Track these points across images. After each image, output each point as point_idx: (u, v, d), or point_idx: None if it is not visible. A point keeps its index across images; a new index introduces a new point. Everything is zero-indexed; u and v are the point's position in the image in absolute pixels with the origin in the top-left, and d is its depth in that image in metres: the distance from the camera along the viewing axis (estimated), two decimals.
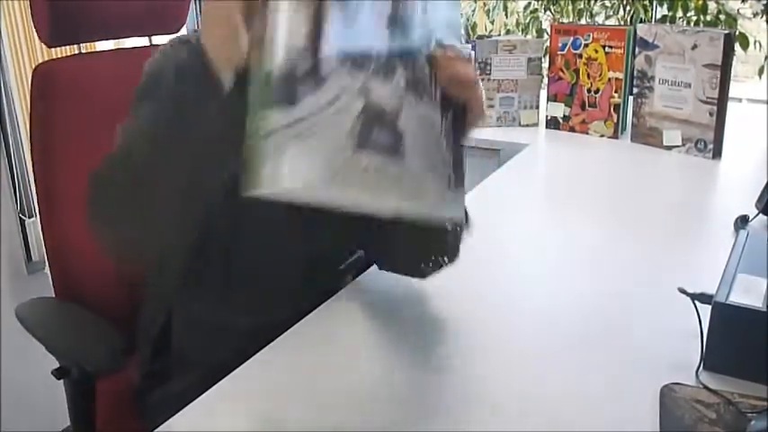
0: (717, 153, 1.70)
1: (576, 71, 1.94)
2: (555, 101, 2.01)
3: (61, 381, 1.11)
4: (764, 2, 2.50)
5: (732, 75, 1.68)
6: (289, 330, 0.97)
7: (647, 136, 1.82)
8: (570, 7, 2.58)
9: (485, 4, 2.56)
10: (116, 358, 1.03)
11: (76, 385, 1.09)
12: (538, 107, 2.06)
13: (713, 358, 0.86)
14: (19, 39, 1.99)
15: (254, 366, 0.89)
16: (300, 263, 1.04)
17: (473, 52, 2.01)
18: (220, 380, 0.86)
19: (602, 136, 1.93)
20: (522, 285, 1.13)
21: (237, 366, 0.88)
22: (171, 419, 0.80)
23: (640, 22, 2.48)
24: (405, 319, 1.02)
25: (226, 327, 1.04)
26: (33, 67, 1.22)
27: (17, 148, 1.90)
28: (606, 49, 1.87)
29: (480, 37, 2.15)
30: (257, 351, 0.92)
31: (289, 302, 1.06)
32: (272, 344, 0.94)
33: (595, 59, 1.90)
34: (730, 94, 1.69)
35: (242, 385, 0.86)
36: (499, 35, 2.46)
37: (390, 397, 0.84)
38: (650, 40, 1.77)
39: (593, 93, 1.92)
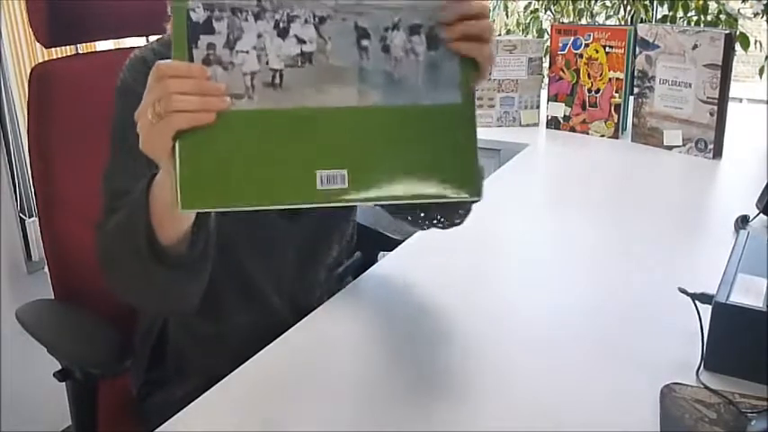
0: (717, 153, 1.70)
1: (577, 71, 1.94)
2: (555, 101, 2.00)
3: (62, 382, 1.11)
4: (765, 2, 2.50)
5: (732, 75, 1.68)
6: (288, 330, 0.97)
7: (648, 136, 1.82)
8: (570, 7, 2.58)
9: None
10: (118, 360, 1.03)
11: (78, 387, 1.08)
12: (538, 107, 2.06)
13: (713, 358, 0.86)
14: (19, 39, 1.99)
15: (254, 366, 0.90)
16: (294, 261, 1.05)
17: None
18: (219, 381, 0.86)
19: (602, 136, 1.93)
20: (522, 285, 1.13)
21: (235, 368, 0.88)
22: (171, 420, 0.80)
23: (641, 21, 2.48)
24: (404, 320, 1.02)
25: (222, 329, 1.04)
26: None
27: (17, 149, 1.90)
28: (607, 49, 1.87)
29: None
30: (255, 352, 0.92)
31: (285, 303, 1.06)
32: (271, 344, 0.94)
33: (596, 59, 1.89)
34: (731, 94, 1.69)
35: (242, 385, 0.86)
36: (499, 35, 2.46)
37: (390, 397, 0.84)
38: (651, 40, 1.77)
39: (593, 93, 1.92)
